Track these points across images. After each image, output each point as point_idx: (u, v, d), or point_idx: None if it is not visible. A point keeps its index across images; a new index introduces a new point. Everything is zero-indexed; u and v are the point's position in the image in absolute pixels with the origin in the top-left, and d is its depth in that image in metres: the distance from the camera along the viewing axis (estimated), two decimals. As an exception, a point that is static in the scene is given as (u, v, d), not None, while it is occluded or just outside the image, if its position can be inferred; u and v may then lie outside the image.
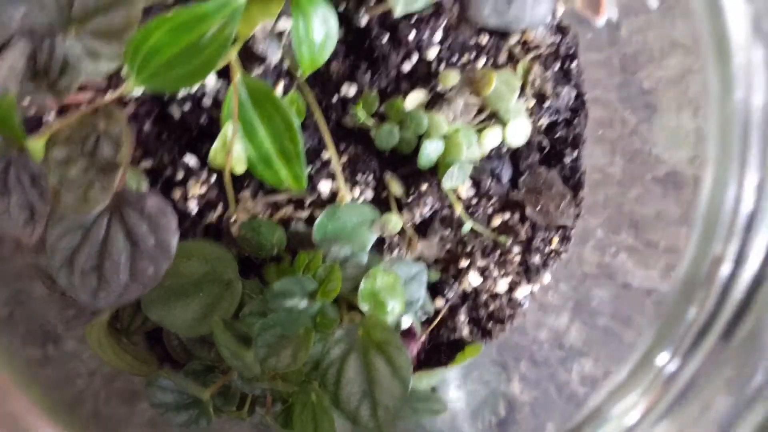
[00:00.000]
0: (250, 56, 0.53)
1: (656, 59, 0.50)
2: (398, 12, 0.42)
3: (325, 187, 0.53)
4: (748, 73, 0.30)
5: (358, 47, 0.54)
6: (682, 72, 0.47)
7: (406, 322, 0.51)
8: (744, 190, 0.32)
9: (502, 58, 0.53)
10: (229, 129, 0.48)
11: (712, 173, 0.33)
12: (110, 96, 0.43)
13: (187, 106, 0.53)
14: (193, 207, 0.53)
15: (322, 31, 0.48)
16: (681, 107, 0.48)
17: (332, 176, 0.53)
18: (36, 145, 0.42)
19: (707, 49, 0.30)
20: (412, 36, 0.52)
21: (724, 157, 0.33)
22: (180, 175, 0.52)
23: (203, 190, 0.52)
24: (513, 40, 0.53)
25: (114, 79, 0.51)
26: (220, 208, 0.53)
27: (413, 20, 0.52)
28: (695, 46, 0.36)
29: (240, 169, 0.49)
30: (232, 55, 0.47)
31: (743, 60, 0.29)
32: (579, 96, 0.54)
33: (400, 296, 0.48)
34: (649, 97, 0.52)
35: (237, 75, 0.47)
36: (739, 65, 0.29)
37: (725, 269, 0.34)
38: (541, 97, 0.53)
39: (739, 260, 0.33)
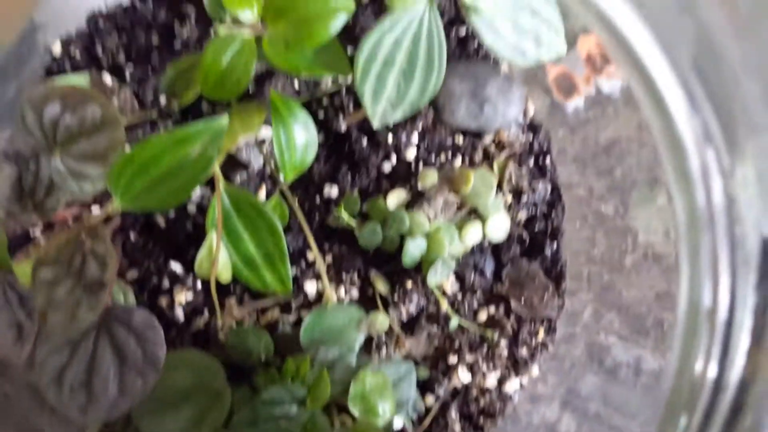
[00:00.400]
0: (233, 164, 0.54)
1: (625, 147, 0.52)
2: (375, 124, 0.44)
3: (310, 288, 0.53)
4: (705, 176, 0.31)
5: (338, 150, 0.56)
6: (652, 157, 0.48)
7: (398, 423, 0.51)
8: (719, 291, 0.32)
9: (478, 156, 0.55)
10: (213, 237, 0.49)
11: (687, 274, 0.34)
12: (96, 215, 0.44)
13: (171, 215, 0.54)
14: (180, 314, 0.53)
15: (302, 139, 0.49)
16: (653, 191, 0.49)
17: (317, 277, 0.53)
18: (23, 268, 0.42)
19: (663, 152, 0.31)
20: (390, 139, 0.54)
21: (695, 258, 0.33)
22: (166, 283, 0.53)
23: (190, 297, 0.53)
24: (487, 139, 0.55)
25: (100, 195, 0.52)
26: (206, 315, 0.53)
27: (391, 124, 0.53)
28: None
29: (225, 277, 0.49)
30: (215, 167, 0.48)
31: (698, 164, 0.30)
32: (555, 189, 0.56)
33: (390, 398, 0.48)
34: (622, 183, 0.53)
35: (220, 184, 0.48)
36: (696, 169, 0.30)
37: (711, 371, 0.34)
38: (518, 193, 0.55)
39: (724, 361, 0.33)
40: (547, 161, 0.56)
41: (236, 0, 0.42)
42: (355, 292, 0.54)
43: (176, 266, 0.53)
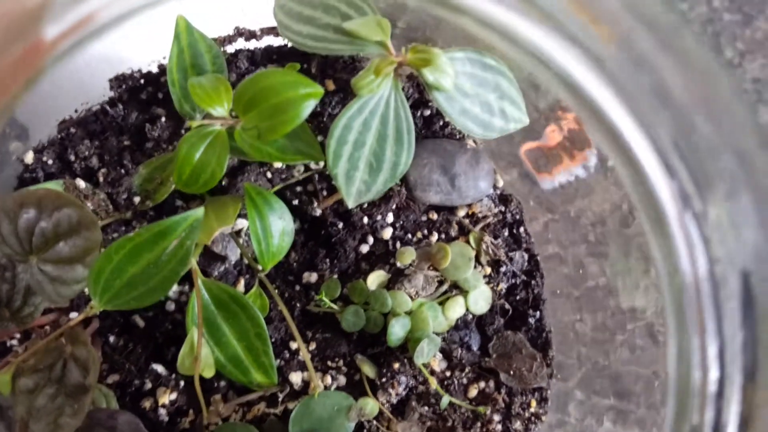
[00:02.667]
0: (209, 257, 0.54)
1: (597, 214, 0.53)
2: (350, 205, 0.45)
3: (296, 378, 0.52)
4: (688, 245, 0.31)
5: (315, 235, 0.56)
6: (624, 221, 0.49)
7: None
8: (708, 357, 0.32)
9: (454, 231, 0.56)
10: (194, 334, 0.48)
11: (675, 341, 0.33)
12: (74, 319, 0.44)
13: (150, 314, 0.54)
14: (163, 415, 0.51)
15: (278, 228, 0.50)
16: (629, 256, 0.50)
17: (302, 366, 0.53)
18: (2, 379, 0.41)
19: (643, 220, 0.32)
20: (365, 220, 0.54)
21: (681, 326, 0.33)
22: (148, 384, 0.52)
23: (173, 396, 0.52)
24: (461, 213, 0.56)
25: (76, 299, 0.51)
26: (191, 414, 0.52)
27: (365, 205, 0.54)
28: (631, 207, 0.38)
29: (209, 373, 0.49)
30: (192, 262, 0.48)
31: (680, 232, 0.30)
32: (532, 257, 0.57)
33: (386, 484, 0.47)
34: (599, 248, 0.54)
35: (198, 280, 0.48)
36: (678, 237, 0.30)
37: (708, 415, 0.33)
38: (496, 264, 0.55)
39: (719, 403, 0.33)
40: (521, 230, 0.57)
41: (207, 98, 0.43)
42: (342, 379, 0.53)
43: (158, 366, 0.52)
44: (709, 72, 0.25)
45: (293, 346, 0.54)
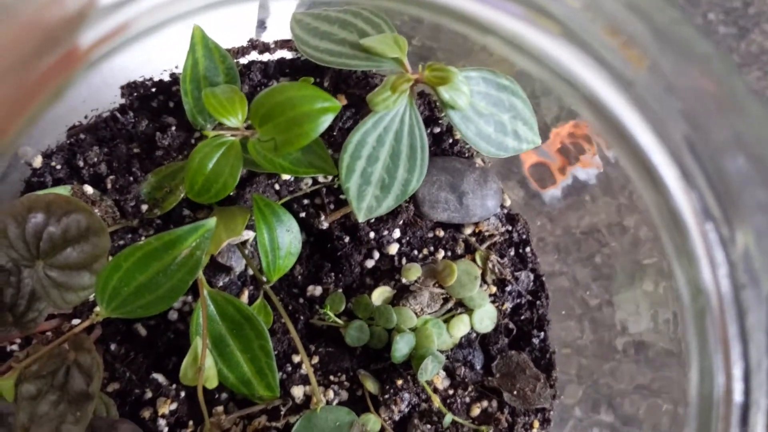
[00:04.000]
0: (214, 268, 0.54)
1: (604, 232, 0.53)
2: (361, 219, 0.44)
3: (298, 391, 0.52)
4: (709, 254, 0.31)
5: (321, 249, 0.56)
6: (633, 242, 0.49)
7: None
8: (733, 381, 0.31)
9: (460, 248, 0.56)
10: (198, 344, 0.48)
11: (697, 364, 0.33)
12: (77, 326, 0.43)
13: (153, 323, 0.53)
14: (163, 426, 0.51)
15: (286, 241, 0.50)
16: (635, 276, 0.50)
17: (305, 380, 0.52)
18: (5, 384, 0.41)
19: (661, 229, 0.31)
20: (372, 235, 0.54)
21: (704, 348, 0.33)
22: (149, 394, 0.51)
23: (173, 407, 0.51)
24: (468, 231, 0.56)
25: (79, 306, 0.51)
26: (191, 425, 0.51)
27: (372, 220, 0.54)
28: (643, 219, 0.37)
29: (212, 384, 0.48)
30: (199, 272, 0.48)
31: (701, 242, 0.30)
32: (537, 278, 0.57)
33: (386, 502, 0.46)
34: (605, 269, 0.54)
35: (204, 290, 0.48)
36: (699, 247, 0.30)
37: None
38: (501, 283, 0.55)
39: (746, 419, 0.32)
40: (528, 250, 0.57)
41: (222, 108, 0.43)
42: (344, 393, 0.53)
43: (158, 376, 0.52)
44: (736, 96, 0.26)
45: (296, 359, 0.53)
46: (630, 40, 0.27)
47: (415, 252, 0.55)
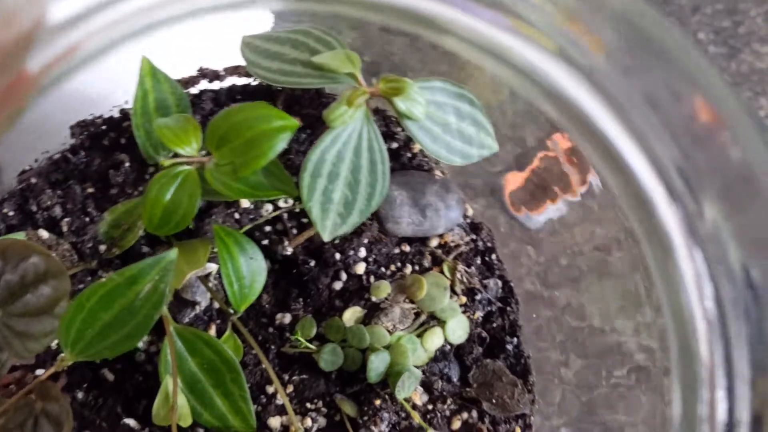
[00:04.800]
0: (179, 304, 0.52)
1: (576, 238, 0.54)
2: (326, 238, 0.44)
3: (275, 422, 0.51)
4: (697, 278, 0.30)
5: (286, 275, 0.55)
6: (607, 247, 0.50)
7: None
8: (716, 398, 0.30)
9: (427, 261, 0.55)
10: (169, 383, 0.46)
11: (679, 383, 0.32)
12: (42, 375, 0.42)
13: (119, 366, 0.52)
14: (137, 471, 0.49)
15: (251, 269, 0.49)
16: (603, 278, 0.51)
17: (281, 410, 0.51)
18: (-32, 442, 0.39)
19: (645, 248, 0.31)
20: (338, 256, 0.54)
21: (687, 369, 0.31)
22: (120, 441, 0.49)
23: (147, 452, 0.50)
24: (433, 243, 0.56)
25: (42, 355, 0.49)
26: (167, 468, 0.50)
27: (337, 241, 0.54)
28: (619, 229, 0.37)
29: (186, 422, 0.47)
30: (164, 309, 0.47)
31: (687, 263, 0.29)
32: (506, 284, 0.57)
33: None
34: (573, 272, 0.55)
35: (170, 326, 0.47)
36: (685, 269, 0.29)
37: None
38: (471, 292, 0.55)
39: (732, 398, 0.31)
40: (494, 257, 0.57)
41: (176, 138, 0.42)
42: (322, 420, 0.52)
43: (129, 420, 0.50)
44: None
45: (270, 389, 0.52)
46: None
47: (383, 269, 0.55)
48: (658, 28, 0.27)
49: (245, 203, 0.53)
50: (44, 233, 0.49)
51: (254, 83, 0.54)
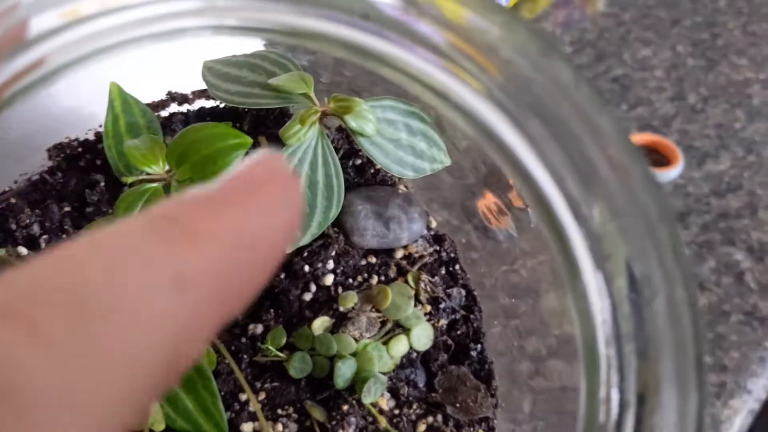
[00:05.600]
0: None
1: (527, 249, 0.56)
2: (288, 249, 0.46)
3: (247, 428, 0.53)
4: (599, 295, 0.32)
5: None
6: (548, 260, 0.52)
7: None
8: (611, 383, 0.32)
9: (393, 272, 0.58)
10: (143, 391, 0.49)
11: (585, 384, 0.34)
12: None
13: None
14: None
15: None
16: (554, 290, 0.53)
17: (253, 416, 0.53)
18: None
19: (563, 274, 0.33)
20: (307, 268, 0.56)
21: (593, 381, 0.33)
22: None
23: (124, 459, 0.51)
24: (398, 254, 0.58)
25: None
26: (143, 474, 0.52)
27: (305, 254, 0.56)
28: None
29: (159, 427, 0.49)
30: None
31: (593, 285, 0.31)
32: (469, 293, 0.59)
33: None
34: (529, 282, 0.57)
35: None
36: (590, 289, 0.31)
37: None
38: (435, 301, 0.57)
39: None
40: (457, 268, 0.59)
41: (143, 159, 0.45)
42: (293, 426, 0.54)
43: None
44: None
45: (243, 397, 0.54)
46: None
47: (350, 280, 0.57)
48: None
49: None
50: (23, 250, 0.51)
51: (221, 106, 0.56)
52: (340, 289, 0.57)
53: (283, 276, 0.56)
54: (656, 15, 1.25)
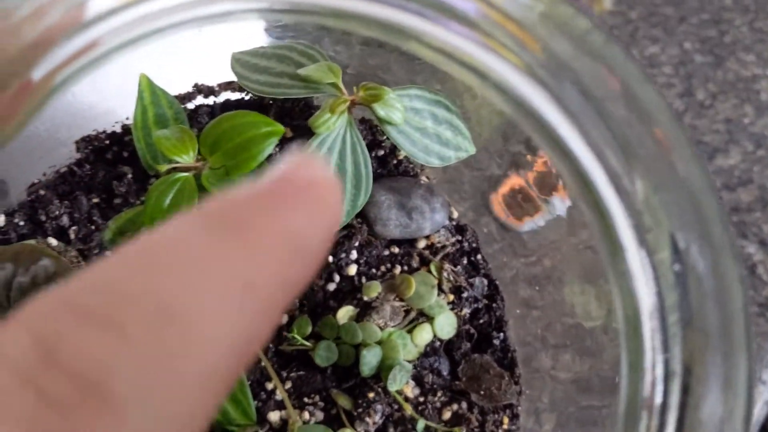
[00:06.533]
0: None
1: (551, 238, 0.57)
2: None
3: (275, 416, 0.54)
4: (642, 269, 0.32)
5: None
6: (577, 248, 0.53)
7: None
8: (656, 360, 0.32)
9: (415, 262, 0.58)
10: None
11: (626, 368, 0.34)
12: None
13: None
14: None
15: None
16: (578, 280, 0.53)
17: (280, 405, 0.54)
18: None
19: (603, 252, 0.33)
20: (330, 259, 0.57)
21: (636, 355, 0.34)
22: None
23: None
24: (421, 245, 0.59)
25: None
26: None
27: (329, 244, 0.57)
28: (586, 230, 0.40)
29: (189, 416, 0.50)
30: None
31: (636, 259, 0.32)
32: (491, 282, 0.59)
33: None
34: (553, 272, 0.57)
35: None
36: (632, 263, 0.32)
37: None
38: (457, 290, 0.58)
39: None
40: (479, 257, 0.60)
41: (174, 148, 0.46)
42: (319, 413, 0.55)
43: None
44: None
45: (269, 386, 0.55)
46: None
47: (374, 270, 0.58)
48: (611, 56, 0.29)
49: (242, 210, 0.56)
50: (53, 241, 0.52)
51: (247, 98, 0.57)
52: (363, 279, 0.57)
53: (307, 266, 0.57)
54: (663, 13, 1.26)
